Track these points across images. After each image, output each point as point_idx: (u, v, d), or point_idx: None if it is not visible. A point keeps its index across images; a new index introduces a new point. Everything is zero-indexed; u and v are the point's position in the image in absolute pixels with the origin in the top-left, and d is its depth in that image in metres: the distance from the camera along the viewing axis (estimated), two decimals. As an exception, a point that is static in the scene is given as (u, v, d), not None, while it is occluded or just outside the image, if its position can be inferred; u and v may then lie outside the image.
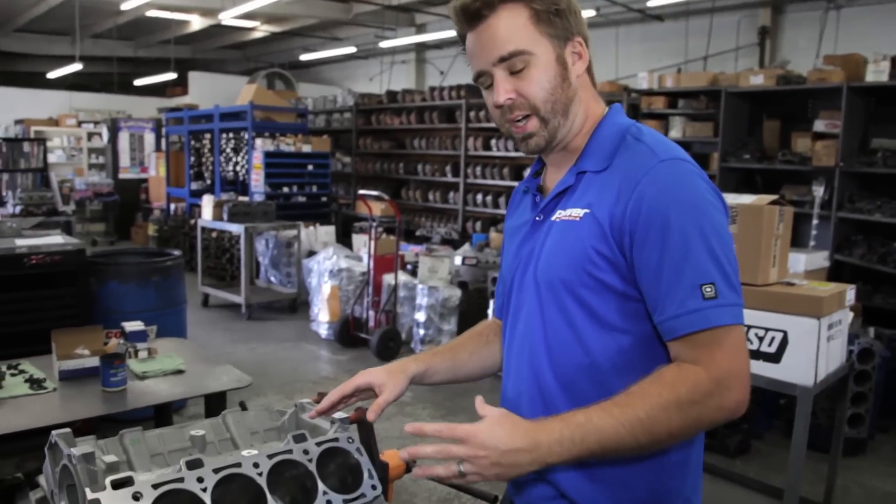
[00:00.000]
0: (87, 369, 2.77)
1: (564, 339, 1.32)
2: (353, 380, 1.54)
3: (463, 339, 1.67)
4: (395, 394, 1.49)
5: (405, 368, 1.53)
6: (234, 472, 1.35)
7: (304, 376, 5.74)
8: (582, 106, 1.37)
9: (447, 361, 1.60)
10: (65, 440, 1.34)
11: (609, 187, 1.27)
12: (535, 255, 1.37)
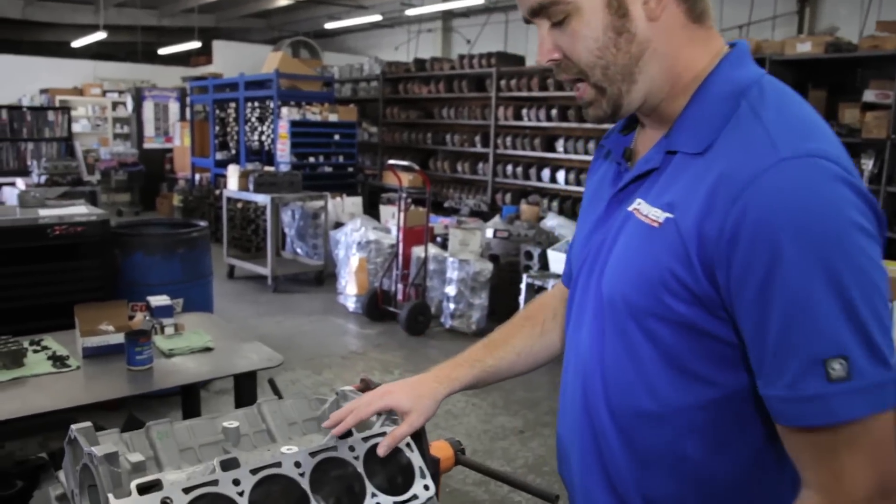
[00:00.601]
0: (111, 346, 2.65)
1: (625, 377, 1.03)
2: (374, 401, 1.30)
3: (511, 332, 1.43)
4: (419, 424, 1.29)
5: (435, 393, 1.31)
6: (274, 472, 1.20)
7: (332, 350, 5.62)
8: (666, 61, 0.99)
9: (489, 370, 1.37)
10: (85, 436, 1.20)
11: (702, 184, 0.91)
12: (603, 256, 1.07)
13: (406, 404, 1.28)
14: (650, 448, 1.02)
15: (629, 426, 1.04)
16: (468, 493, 3.53)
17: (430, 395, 1.30)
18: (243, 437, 1.43)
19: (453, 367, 1.35)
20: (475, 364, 1.36)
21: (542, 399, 4.69)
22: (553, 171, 8.33)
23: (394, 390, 1.29)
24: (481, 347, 1.40)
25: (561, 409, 1.25)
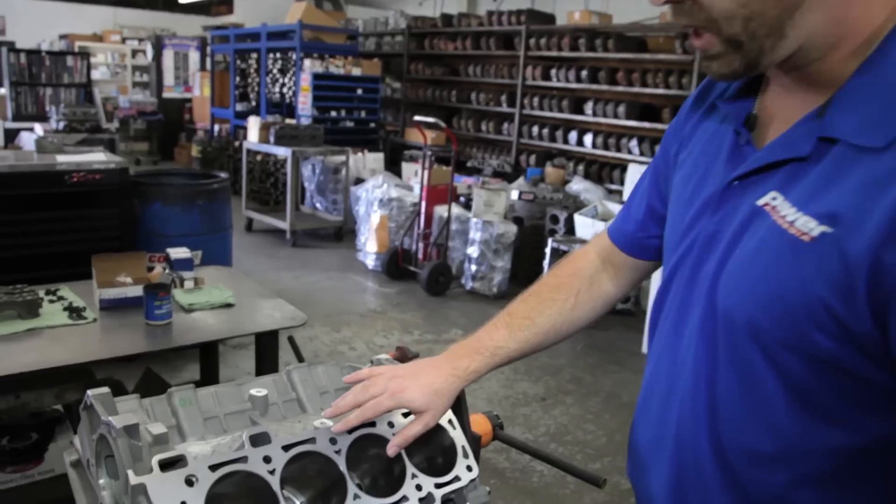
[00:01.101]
0: (129, 299, 2.55)
1: (740, 411, 0.86)
2: (383, 400, 1.13)
3: (538, 307, 1.25)
4: (433, 424, 1.16)
5: (451, 390, 1.16)
6: (308, 449, 1.09)
7: (351, 308, 5.53)
8: (832, 12, 0.76)
9: (513, 354, 1.22)
10: (103, 404, 1.09)
11: (884, 195, 0.69)
12: (717, 255, 0.87)
13: (420, 403, 1.13)
14: (759, 493, 0.87)
15: (737, 466, 0.87)
16: (489, 461, 3.45)
17: (447, 393, 1.16)
18: (271, 407, 1.32)
19: (473, 355, 1.19)
20: (497, 352, 1.20)
21: (565, 366, 4.59)
22: (580, 134, 8.11)
23: (407, 387, 1.13)
24: (504, 327, 1.22)
25: (642, 414, 1.09)
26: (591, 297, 1.28)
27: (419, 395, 1.13)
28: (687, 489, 0.94)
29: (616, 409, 4.22)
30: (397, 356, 1.54)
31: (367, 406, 1.12)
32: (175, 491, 0.95)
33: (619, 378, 4.65)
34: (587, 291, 1.28)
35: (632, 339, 5.15)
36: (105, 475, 1.09)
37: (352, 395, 1.15)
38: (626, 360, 4.93)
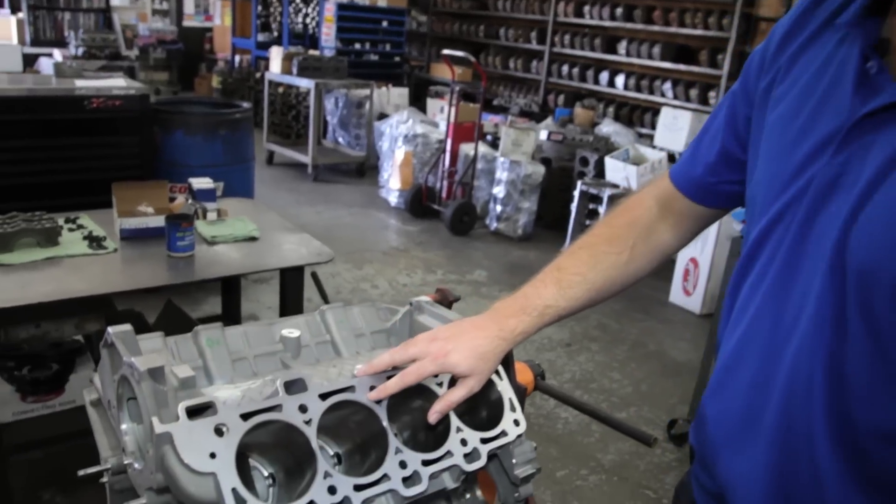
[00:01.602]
0: (150, 229, 2.46)
1: (875, 386, 0.74)
2: (426, 365, 1.02)
3: (590, 261, 1.12)
4: (477, 389, 1.06)
5: (497, 354, 1.06)
6: (347, 398, 1.00)
7: (373, 245, 5.44)
8: None
9: (562, 313, 1.11)
10: (124, 342, 0.99)
11: None
12: (845, 203, 0.76)
13: (464, 368, 1.03)
14: (888, 476, 0.76)
15: (866, 446, 0.76)
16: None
17: (493, 357, 1.06)
18: (304, 349, 1.23)
19: (520, 315, 1.08)
20: (545, 312, 1.09)
21: (591, 312, 4.50)
22: (612, 75, 7.83)
23: (450, 350, 1.02)
24: (552, 283, 1.10)
25: (724, 381, 0.96)
26: (647, 249, 1.16)
27: (463, 358, 1.03)
28: (792, 470, 0.82)
29: (642, 357, 4.13)
30: (438, 298, 1.43)
31: (409, 371, 1.01)
32: (204, 441, 0.86)
33: (646, 327, 4.56)
34: (644, 243, 1.15)
35: (659, 288, 5.03)
36: (127, 419, 1.01)
37: (389, 355, 1.04)
38: (653, 309, 4.82)
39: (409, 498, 1.00)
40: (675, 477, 3.02)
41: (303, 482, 0.96)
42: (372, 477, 0.97)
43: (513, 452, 1.21)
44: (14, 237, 2.26)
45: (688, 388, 3.76)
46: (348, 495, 0.93)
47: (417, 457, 1.02)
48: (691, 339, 4.47)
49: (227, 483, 0.84)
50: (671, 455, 3.19)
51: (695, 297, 4.85)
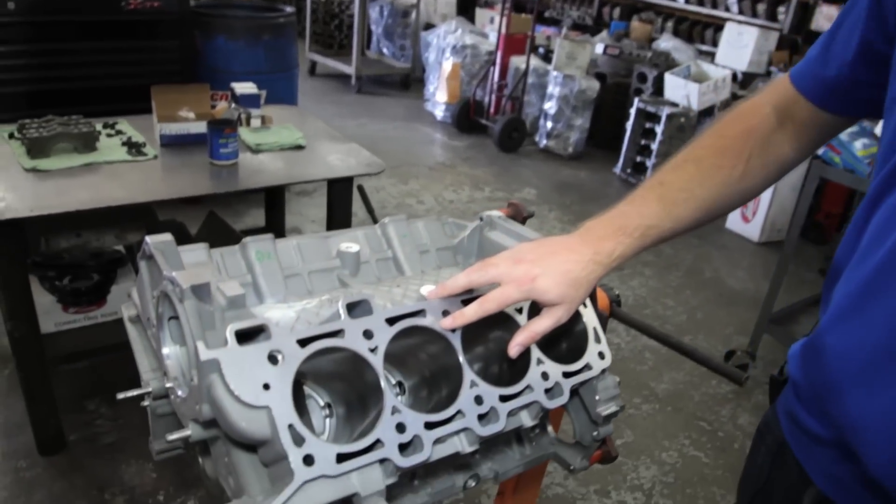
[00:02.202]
0: (191, 135, 2.33)
1: None
2: (510, 291, 0.87)
3: (698, 176, 0.97)
4: (566, 319, 0.91)
5: (591, 281, 0.90)
6: (417, 324, 0.86)
7: (419, 160, 5.27)
8: None
9: (664, 235, 0.95)
10: (165, 254, 0.87)
11: None
12: None
13: (554, 295, 0.88)
14: None
15: None
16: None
17: (585, 283, 0.90)
18: (363, 265, 1.09)
19: (618, 236, 0.92)
20: (647, 233, 0.93)
21: (644, 234, 4.31)
22: (671, -15, 7.38)
23: (538, 275, 0.87)
24: (655, 201, 0.95)
25: (846, 311, 0.82)
26: (764, 163, 0.99)
27: (553, 284, 0.87)
28: None
29: (697, 285, 3.97)
30: (510, 213, 1.28)
31: (490, 297, 0.87)
32: (256, 370, 0.73)
33: (701, 253, 4.37)
34: (760, 156, 0.99)
35: (716, 211, 4.80)
36: (169, 340, 0.89)
37: (465, 276, 0.89)
38: (709, 234, 4.62)
39: (484, 438, 0.88)
40: (730, 409, 2.90)
41: (366, 418, 0.85)
42: (445, 413, 0.84)
43: (596, 388, 1.08)
44: (50, 141, 2.15)
45: (744, 318, 3.60)
46: (419, 434, 0.81)
47: (494, 391, 0.89)
48: (748, 267, 4.28)
49: (282, 419, 0.73)
50: (727, 387, 3.06)
51: (754, 224, 4.63)
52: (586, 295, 0.93)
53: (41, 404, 2.14)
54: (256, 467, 0.79)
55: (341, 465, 0.75)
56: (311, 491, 0.73)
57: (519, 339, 0.90)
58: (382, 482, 0.79)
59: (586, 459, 1.17)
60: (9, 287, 1.95)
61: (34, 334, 2.05)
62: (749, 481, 1.17)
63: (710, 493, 2.43)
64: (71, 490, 2.11)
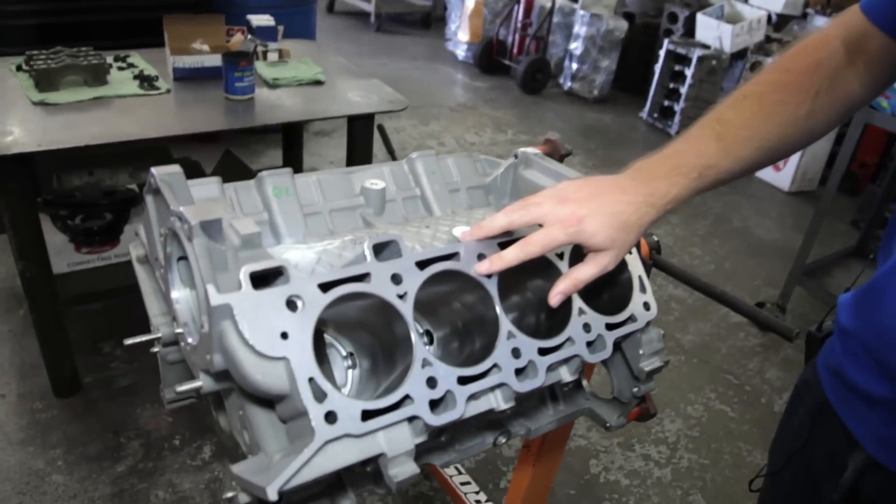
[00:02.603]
0: (206, 69, 2.23)
1: None
2: (554, 234, 0.78)
3: (762, 114, 0.87)
4: (612, 267, 0.82)
5: (642, 224, 0.81)
6: (450, 268, 0.78)
7: (440, 101, 5.13)
8: None
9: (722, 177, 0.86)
10: (173, 188, 0.78)
11: None
12: None
13: (602, 239, 0.79)
14: None
15: None
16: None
17: (636, 227, 0.81)
18: (389, 204, 1.01)
19: (673, 176, 0.83)
20: (705, 173, 0.84)
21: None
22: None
23: (585, 216, 0.78)
24: (713, 139, 0.85)
25: None
26: (832, 101, 0.89)
27: (601, 227, 0.79)
28: None
29: (725, 234, 3.85)
30: (547, 150, 1.19)
31: (532, 240, 0.78)
32: (273, 317, 0.65)
33: (730, 201, 4.25)
34: (828, 92, 0.89)
35: (745, 158, 4.66)
36: (178, 283, 0.81)
37: (505, 215, 0.80)
38: (738, 183, 4.45)
39: (521, 394, 0.80)
40: (758, 363, 2.82)
41: (393, 372, 0.77)
42: (480, 367, 0.76)
43: (640, 341, 0.99)
44: (59, 74, 2.06)
45: (774, 269, 3.50)
46: (451, 390, 0.73)
47: (533, 344, 0.81)
48: (778, 217, 4.16)
49: (302, 371, 0.65)
50: (755, 340, 2.98)
51: (785, 172, 4.48)
52: (636, 240, 0.84)
53: (55, 346, 2.10)
54: (273, 423, 0.72)
55: (366, 423, 0.67)
56: (334, 451, 0.66)
57: (561, 287, 0.82)
58: (411, 441, 0.71)
59: (623, 417, 1.10)
60: (18, 226, 1.88)
61: (46, 274, 1.99)
62: (784, 444, 1.10)
63: (736, 448, 2.37)
64: (86, 433, 2.08)
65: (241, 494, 0.71)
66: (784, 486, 1.09)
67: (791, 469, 1.06)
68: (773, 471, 1.12)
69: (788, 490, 1.08)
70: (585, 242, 0.80)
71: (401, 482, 0.70)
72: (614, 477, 2.18)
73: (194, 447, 2.07)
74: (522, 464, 1.48)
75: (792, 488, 1.07)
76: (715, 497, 2.16)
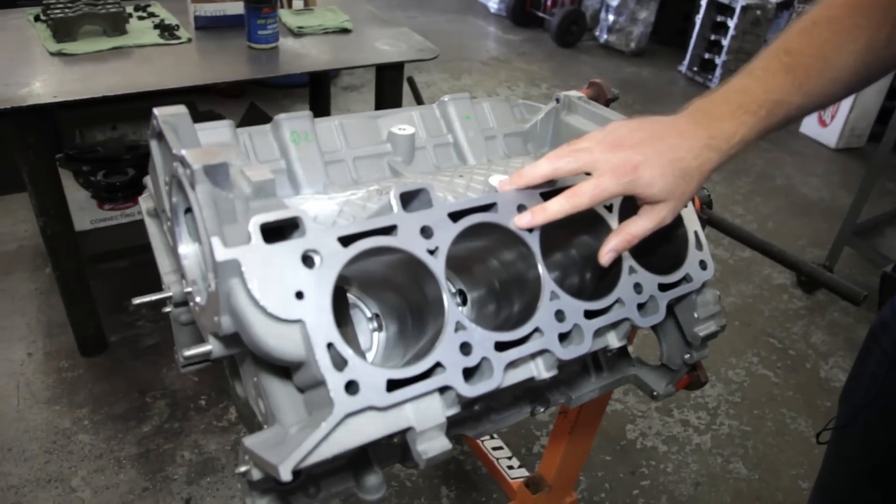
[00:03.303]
0: (228, 17, 2.14)
1: None
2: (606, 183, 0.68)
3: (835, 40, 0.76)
4: (670, 220, 0.73)
5: (703, 171, 0.72)
6: (487, 220, 0.69)
7: (472, 54, 4.99)
8: None
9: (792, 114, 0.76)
10: (177, 131, 0.70)
11: None
12: None
13: (659, 189, 0.70)
14: None
15: None
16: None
17: (697, 175, 0.72)
18: (419, 152, 0.92)
19: (739, 115, 0.73)
20: (774, 110, 0.74)
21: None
22: None
23: (640, 163, 0.69)
24: (782, 72, 0.75)
25: None
26: None
27: (659, 176, 0.69)
28: None
29: (768, 192, 3.70)
30: (592, 94, 1.08)
31: (581, 190, 0.68)
32: (287, 274, 0.57)
33: (773, 158, 4.08)
34: None
35: (790, 113, 4.47)
36: (186, 236, 0.73)
37: (549, 162, 0.71)
38: (782, 139, 4.31)
39: (565, 362, 0.72)
40: (802, 326, 2.70)
41: (423, 336, 0.69)
42: (520, 332, 0.68)
43: (695, 303, 0.90)
44: (77, 23, 1.99)
45: (819, 228, 3.36)
46: (487, 357, 0.65)
47: (579, 306, 0.72)
48: (823, 175, 3.98)
49: (320, 336, 0.57)
50: (799, 302, 2.85)
51: (832, 128, 4.28)
52: (697, 190, 0.74)
53: (80, 304, 2.06)
54: (290, 392, 0.64)
55: (392, 394, 0.59)
56: (356, 425, 0.59)
57: (612, 243, 0.72)
58: (442, 414, 0.63)
59: (672, 385, 1.02)
60: (38, 181, 1.83)
61: (68, 231, 1.94)
62: (857, 391, 1.02)
63: (779, 414, 2.28)
64: (112, 392, 2.05)
65: (253, 470, 0.64)
66: (858, 437, 1.01)
67: (866, 416, 0.98)
68: (846, 422, 1.04)
69: (862, 440, 1.00)
70: (641, 193, 0.70)
71: (431, 458, 0.62)
72: (651, 443, 2.10)
73: (220, 408, 2.03)
74: (559, 431, 1.40)
75: (867, 437, 0.99)
76: (757, 465, 2.08)
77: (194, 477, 1.83)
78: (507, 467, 1.68)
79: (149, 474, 1.82)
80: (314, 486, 0.78)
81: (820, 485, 1.15)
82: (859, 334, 2.68)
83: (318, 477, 0.78)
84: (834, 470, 1.11)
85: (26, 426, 1.92)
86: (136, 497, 1.76)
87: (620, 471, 2.00)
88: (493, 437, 1.76)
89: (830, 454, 1.12)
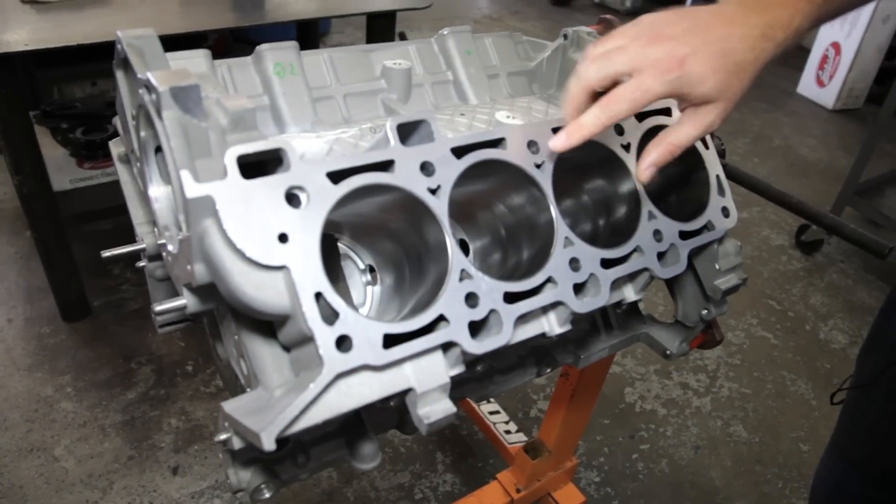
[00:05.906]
0: (210, -37, 2.02)
1: None
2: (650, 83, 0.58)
3: None
4: (718, 124, 0.63)
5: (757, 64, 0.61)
6: (493, 157, 0.61)
7: (463, 12, 4.89)
8: None
9: None
10: (141, 54, 0.62)
11: None
12: None
13: (710, 87, 0.59)
14: None
15: None
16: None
17: (750, 70, 0.61)
18: (416, 89, 0.84)
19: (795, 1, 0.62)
20: None
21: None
22: None
23: (687, 55, 0.58)
24: None
25: None
26: None
27: (710, 70, 0.59)
28: None
29: (766, 152, 3.63)
30: (602, 30, 1.00)
31: (618, 96, 0.59)
32: (268, 213, 0.50)
33: (770, 119, 4.00)
34: None
35: (786, 77, 4.39)
36: (157, 177, 0.66)
37: (578, 78, 0.61)
38: (779, 100, 4.22)
39: (580, 316, 0.65)
40: (801, 288, 2.65)
41: (423, 287, 0.62)
42: (531, 282, 0.61)
43: (716, 254, 0.84)
44: (51, -32, 1.88)
45: (817, 189, 3.29)
46: (496, 309, 0.58)
47: (596, 254, 0.65)
48: (821, 136, 3.91)
49: (307, 284, 0.50)
50: (798, 263, 2.80)
51: (829, 88, 4.20)
52: (749, 87, 0.63)
53: (60, 268, 1.98)
54: (275, 351, 0.57)
55: (390, 351, 0.52)
56: (348, 386, 0.52)
57: (652, 157, 0.63)
58: (446, 374, 0.57)
59: (686, 344, 0.95)
60: (10, 137, 1.73)
61: (45, 190, 1.85)
62: (876, 355, 0.97)
63: (779, 377, 2.23)
64: (96, 358, 1.98)
65: (234, 438, 0.57)
66: (880, 397, 0.96)
67: (889, 376, 0.93)
68: (865, 381, 0.98)
69: (884, 400, 0.95)
70: (689, 93, 0.60)
71: (433, 423, 0.56)
72: (651, 406, 2.06)
73: (208, 373, 1.96)
74: (559, 395, 1.34)
75: (889, 397, 0.94)
76: (757, 428, 2.04)
77: (181, 445, 1.77)
78: (505, 432, 1.62)
79: (134, 442, 1.76)
80: (303, 455, 0.71)
81: (836, 444, 1.10)
82: (858, 296, 2.63)
83: (307, 444, 0.72)
84: (852, 431, 1.06)
85: (7, 394, 1.85)
86: (121, 466, 1.70)
87: (619, 434, 1.95)
88: (489, 400, 1.70)
89: (847, 415, 1.07)
